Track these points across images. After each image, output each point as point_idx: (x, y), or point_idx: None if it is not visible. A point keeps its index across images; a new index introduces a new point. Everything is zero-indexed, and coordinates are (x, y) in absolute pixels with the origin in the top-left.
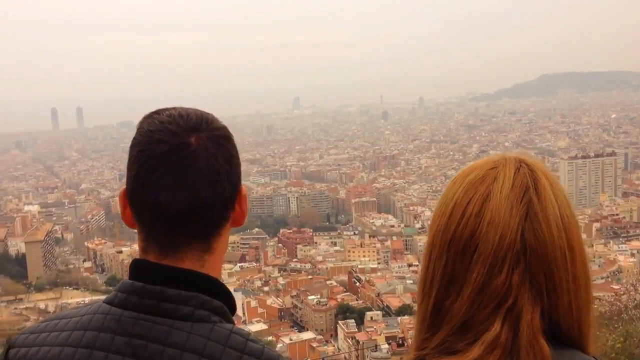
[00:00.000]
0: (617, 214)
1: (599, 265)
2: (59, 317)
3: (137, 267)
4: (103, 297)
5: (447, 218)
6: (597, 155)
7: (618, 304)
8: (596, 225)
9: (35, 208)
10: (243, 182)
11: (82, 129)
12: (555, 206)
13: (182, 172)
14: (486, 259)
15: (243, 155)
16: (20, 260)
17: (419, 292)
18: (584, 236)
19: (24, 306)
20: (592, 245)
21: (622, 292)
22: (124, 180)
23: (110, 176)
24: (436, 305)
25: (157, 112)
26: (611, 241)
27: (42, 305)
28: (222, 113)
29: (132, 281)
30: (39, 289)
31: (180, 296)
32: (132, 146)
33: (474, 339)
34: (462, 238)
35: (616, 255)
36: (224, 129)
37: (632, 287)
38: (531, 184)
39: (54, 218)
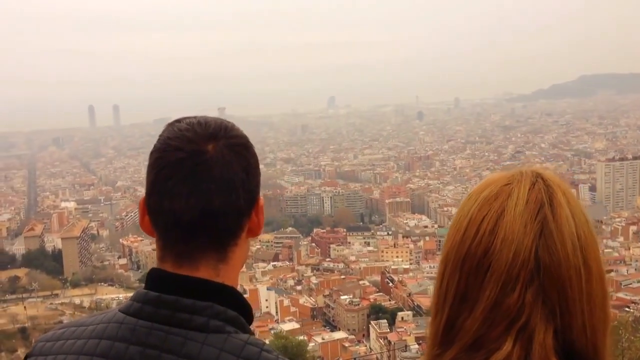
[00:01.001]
0: None
1: (635, 269)
2: (76, 325)
3: (153, 277)
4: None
5: (461, 234)
6: (635, 158)
7: None
8: (633, 228)
9: (71, 205)
10: (278, 181)
11: (119, 126)
12: (571, 223)
13: (197, 179)
14: (499, 276)
15: (277, 155)
16: (57, 256)
17: (432, 307)
18: (619, 240)
19: (60, 301)
20: (629, 248)
21: None
22: None
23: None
24: (449, 321)
25: (178, 120)
26: None
27: (77, 301)
28: (257, 112)
29: (147, 290)
30: (75, 284)
31: (195, 306)
32: (151, 153)
33: (485, 357)
34: (476, 255)
35: None
36: (242, 137)
37: None
38: (546, 200)
39: (90, 215)
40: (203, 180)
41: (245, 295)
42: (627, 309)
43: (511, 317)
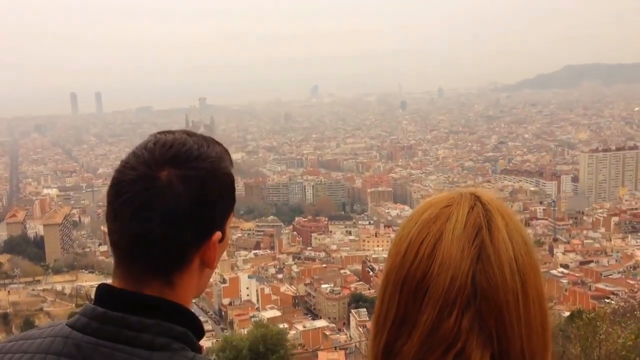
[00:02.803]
0: (636, 209)
1: (616, 260)
2: (24, 338)
3: (101, 292)
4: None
5: (401, 257)
6: (618, 149)
7: (632, 300)
8: (615, 219)
9: (53, 191)
10: (260, 169)
11: (101, 113)
12: (509, 247)
13: (140, 205)
14: (436, 301)
15: (260, 143)
16: (39, 242)
17: (372, 328)
18: (601, 231)
19: (42, 288)
20: (611, 240)
21: (636, 290)
22: None
23: None
24: (387, 345)
25: (157, 134)
26: (629, 235)
27: (59, 287)
28: (240, 101)
29: (95, 306)
30: (57, 271)
31: (141, 324)
32: (120, 162)
33: None
34: (415, 278)
35: (634, 250)
36: (205, 168)
37: None
38: (484, 224)
39: (72, 202)
40: (145, 208)
41: (224, 285)
42: (606, 300)
43: (447, 343)
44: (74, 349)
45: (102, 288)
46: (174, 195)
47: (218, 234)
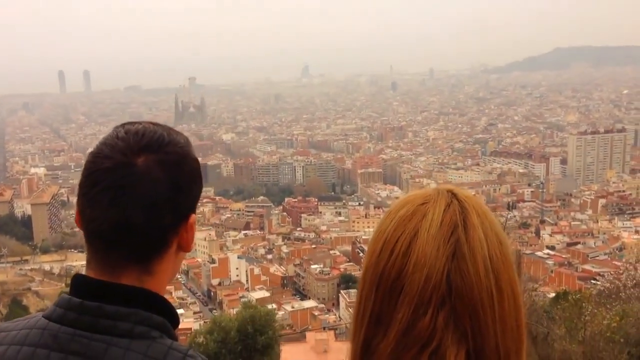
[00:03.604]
0: (623, 191)
1: (602, 242)
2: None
3: (77, 283)
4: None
5: (377, 255)
6: (606, 131)
7: (617, 282)
8: (602, 201)
9: (41, 171)
10: (250, 150)
11: (89, 92)
12: (484, 246)
13: (119, 192)
14: (412, 300)
15: (250, 123)
16: (26, 222)
17: (351, 327)
18: (588, 213)
19: (29, 267)
20: (598, 221)
21: (621, 271)
22: None
23: None
24: (365, 343)
25: (124, 125)
26: (616, 217)
27: (47, 267)
28: (230, 80)
29: (71, 297)
30: (45, 250)
31: (119, 313)
32: (88, 154)
33: None
34: (390, 276)
35: (620, 231)
36: (179, 153)
37: (632, 266)
38: (460, 222)
39: (60, 181)
40: (124, 194)
41: (213, 266)
42: (593, 281)
43: (423, 341)
44: (50, 340)
45: (77, 278)
46: (152, 180)
47: (194, 217)
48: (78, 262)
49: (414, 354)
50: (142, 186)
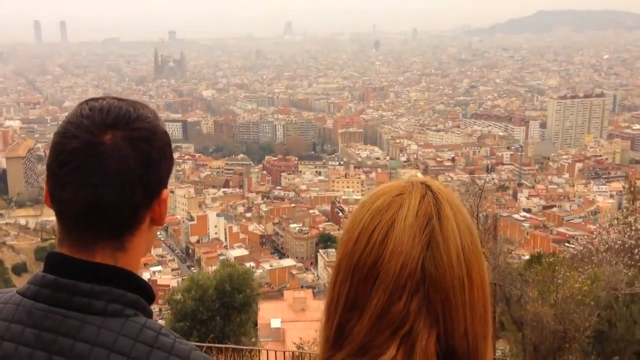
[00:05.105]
0: (600, 155)
1: (578, 205)
2: None
3: (51, 260)
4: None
5: (353, 243)
6: (586, 96)
7: (590, 246)
8: (579, 165)
9: (16, 124)
10: (230, 107)
11: (66, 43)
12: (457, 236)
13: (88, 172)
14: (387, 286)
15: (231, 80)
16: (1, 175)
17: (325, 311)
18: (565, 177)
19: (4, 221)
20: (574, 185)
21: (594, 235)
22: None
23: (94, 94)
24: (339, 326)
25: (87, 102)
26: (592, 182)
27: (22, 222)
28: (210, 35)
29: (45, 274)
30: (20, 205)
31: (93, 290)
32: (54, 135)
33: None
34: (366, 264)
35: (595, 195)
36: (147, 129)
37: (605, 230)
38: (435, 213)
39: (36, 135)
40: (94, 173)
41: (192, 223)
42: (567, 244)
43: (396, 325)
44: (24, 316)
45: (52, 256)
46: (121, 157)
47: (166, 192)
48: (54, 217)
49: (387, 336)
50: (111, 164)
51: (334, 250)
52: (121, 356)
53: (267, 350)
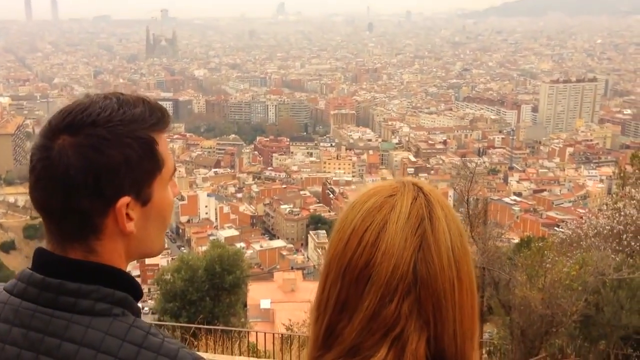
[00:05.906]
0: (591, 140)
1: (568, 189)
2: None
3: (39, 257)
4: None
5: (344, 245)
6: (578, 80)
7: (579, 231)
8: (570, 150)
9: (5, 100)
10: (223, 87)
11: (57, 21)
12: (447, 238)
13: (40, 175)
14: (378, 288)
15: (223, 60)
16: None
17: (314, 311)
18: (556, 161)
19: None
20: (564, 169)
21: (584, 220)
22: (99, 77)
23: (85, 72)
24: (329, 327)
25: (78, 99)
26: (582, 166)
27: (11, 199)
28: (203, 14)
29: (32, 272)
30: (9, 182)
31: (80, 290)
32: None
33: None
34: (357, 266)
35: (585, 180)
36: (101, 136)
37: (594, 215)
38: (426, 215)
39: (26, 112)
40: (44, 178)
41: (182, 203)
42: (556, 228)
43: (387, 327)
44: (11, 315)
45: (39, 253)
46: (64, 165)
47: (124, 200)
48: None
49: (377, 338)
50: (59, 170)
51: (324, 231)
52: (108, 356)
53: (257, 332)
